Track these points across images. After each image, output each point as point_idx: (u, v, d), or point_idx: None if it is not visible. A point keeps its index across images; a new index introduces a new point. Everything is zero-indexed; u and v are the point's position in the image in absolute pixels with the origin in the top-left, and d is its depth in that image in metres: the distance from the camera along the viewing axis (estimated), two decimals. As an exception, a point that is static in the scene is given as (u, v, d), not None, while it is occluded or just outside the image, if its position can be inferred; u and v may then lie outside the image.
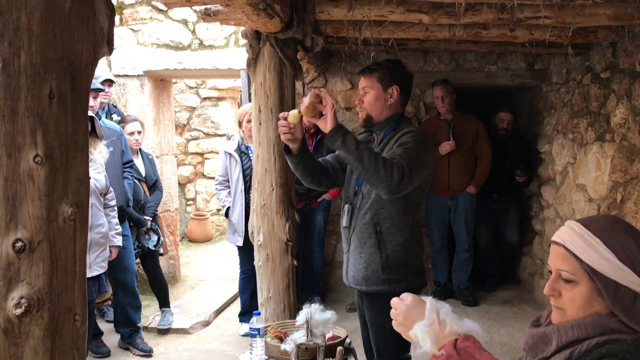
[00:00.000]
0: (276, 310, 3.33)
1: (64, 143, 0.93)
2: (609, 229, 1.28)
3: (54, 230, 0.93)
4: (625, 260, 1.23)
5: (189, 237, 8.23)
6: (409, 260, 2.59)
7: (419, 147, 2.47)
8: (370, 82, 2.64)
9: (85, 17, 0.93)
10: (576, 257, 1.27)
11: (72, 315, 0.98)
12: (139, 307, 4.65)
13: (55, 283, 0.94)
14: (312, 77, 5.63)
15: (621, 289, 1.23)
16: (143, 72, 5.73)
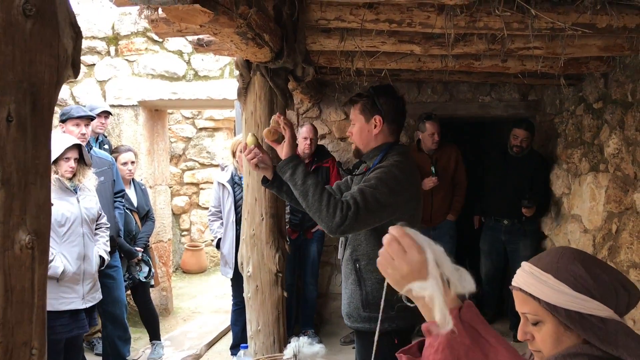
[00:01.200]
0: (265, 344, 3.25)
1: (23, 168, 0.89)
2: (557, 262, 1.28)
3: (9, 259, 0.89)
4: (580, 289, 1.23)
5: (183, 268, 8.14)
6: (389, 299, 2.48)
7: (381, 185, 2.31)
8: (353, 113, 2.61)
9: (48, 39, 0.90)
10: (534, 297, 1.26)
11: (29, 349, 0.92)
12: (128, 339, 4.56)
13: (9, 315, 0.89)
14: (307, 107, 5.64)
15: (586, 318, 1.21)
16: (137, 102, 5.73)
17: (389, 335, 2.39)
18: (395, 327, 2.44)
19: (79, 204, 3.83)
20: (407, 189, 2.41)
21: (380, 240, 2.46)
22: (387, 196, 2.30)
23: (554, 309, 1.23)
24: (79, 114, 4.29)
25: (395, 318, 2.42)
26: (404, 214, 2.38)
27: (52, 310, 3.68)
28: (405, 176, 2.40)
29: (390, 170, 2.37)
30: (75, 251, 3.77)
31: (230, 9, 2.21)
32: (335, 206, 2.22)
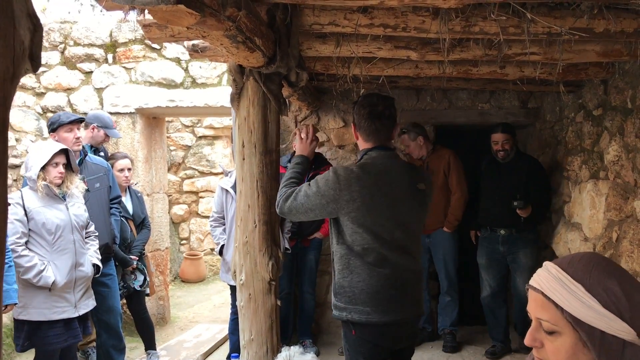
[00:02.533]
0: (258, 353, 3.19)
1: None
2: (590, 272, 1.16)
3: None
4: (609, 307, 1.12)
5: (182, 277, 8.09)
6: (347, 291, 2.64)
7: (313, 185, 2.64)
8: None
9: (2, 29, 0.86)
10: (557, 306, 1.15)
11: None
12: (122, 349, 4.50)
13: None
14: (305, 114, 5.60)
15: (607, 338, 1.11)
16: (135, 110, 5.71)
17: (347, 324, 2.64)
18: (351, 318, 2.62)
19: (68, 210, 3.80)
20: (343, 190, 2.57)
21: (341, 238, 2.64)
22: (314, 196, 2.61)
23: (577, 322, 1.13)
24: (70, 119, 4.24)
25: (351, 310, 2.62)
26: (345, 213, 2.59)
27: (46, 320, 3.64)
28: (346, 179, 2.58)
29: (327, 173, 2.65)
30: (66, 259, 3.73)
31: (218, 11, 2.17)
32: (280, 193, 2.77)
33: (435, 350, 5.13)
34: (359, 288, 2.61)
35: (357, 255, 2.61)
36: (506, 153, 4.81)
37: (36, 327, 3.61)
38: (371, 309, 2.59)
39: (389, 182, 2.65)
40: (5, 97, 0.89)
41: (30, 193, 3.70)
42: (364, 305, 2.59)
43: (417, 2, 2.72)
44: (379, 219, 2.60)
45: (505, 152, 4.80)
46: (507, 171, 4.81)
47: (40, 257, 3.63)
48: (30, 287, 3.60)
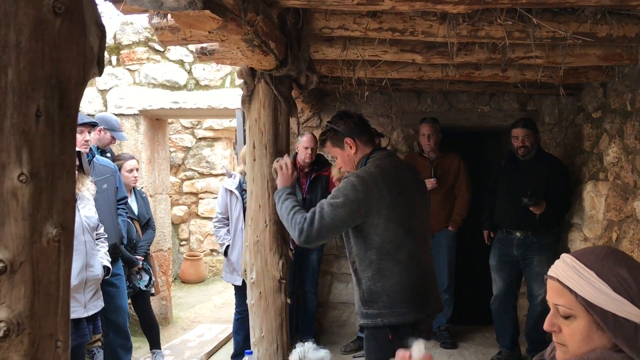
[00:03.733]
0: (269, 350, 3.25)
1: (50, 162, 0.91)
2: (602, 260, 1.26)
3: (37, 251, 0.90)
4: (620, 291, 1.21)
5: (182, 278, 8.13)
6: (380, 296, 2.64)
7: (339, 195, 2.59)
8: (330, 150, 2.91)
9: (75, 37, 0.92)
10: (571, 291, 1.25)
11: (54, 341, 0.94)
12: (129, 348, 4.54)
13: (36, 307, 0.90)
14: (307, 117, 5.67)
15: (620, 321, 1.20)
16: (139, 112, 5.76)
17: (383, 330, 2.62)
18: (388, 322, 2.62)
19: (79, 212, 3.83)
20: (372, 190, 2.59)
21: (363, 241, 2.64)
22: (343, 206, 2.56)
23: (590, 306, 1.22)
24: (82, 121, 4.30)
25: (387, 314, 2.62)
26: (376, 212, 2.59)
27: (54, 318, 3.68)
28: (371, 179, 2.60)
29: (348, 181, 2.62)
30: (77, 260, 3.76)
31: (239, 16, 2.23)
32: (296, 222, 2.61)
33: (435, 349, 5.20)
34: (393, 290, 2.63)
35: (387, 257, 2.63)
36: (526, 150, 4.51)
37: (46, 326, 3.65)
38: (407, 309, 2.62)
39: (402, 178, 2.74)
40: (76, 99, 0.95)
41: (41, 194, 3.74)
42: (400, 306, 2.62)
43: (427, 7, 2.80)
44: (405, 212, 2.67)
45: (525, 149, 4.51)
46: (526, 169, 4.53)
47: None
48: (40, 286, 3.64)
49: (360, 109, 5.64)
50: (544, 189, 4.40)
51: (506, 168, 4.74)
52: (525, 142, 4.51)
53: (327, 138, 2.85)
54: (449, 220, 5.20)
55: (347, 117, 2.85)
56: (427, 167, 5.13)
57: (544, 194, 4.39)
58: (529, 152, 4.52)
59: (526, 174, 4.53)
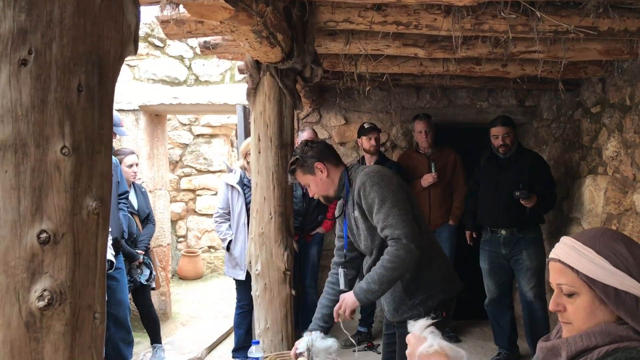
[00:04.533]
0: (274, 341, 3.28)
1: (90, 137, 0.93)
2: (599, 238, 1.32)
3: (78, 223, 0.92)
4: (619, 266, 1.27)
5: (180, 274, 8.13)
6: (427, 277, 2.69)
7: (386, 197, 2.57)
8: (300, 179, 2.85)
9: (114, 14, 0.94)
10: (572, 269, 1.30)
11: (92, 312, 0.96)
12: (131, 342, 4.54)
13: (77, 277, 0.92)
14: (307, 112, 5.69)
15: (621, 294, 1.25)
16: (138, 107, 5.76)
17: (435, 311, 2.62)
18: (439, 301, 2.68)
19: (84, 205, 3.85)
20: (396, 183, 2.66)
21: None
22: (396, 197, 2.57)
23: (591, 281, 1.27)
24: None
25: (436, 294, 2.67)
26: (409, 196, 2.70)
27: (57, 311, 3.69)
28: (387, 182, 2.63)
29: (376, 186, 2.61)
30: (80, 252, 3.77)
31: (250, 6, 2.26)
32: (397, 259, 2.51)
33: (436, 342, 5.22)
34: (434, 269, 2.73)
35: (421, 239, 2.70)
36: (507, 148, 4.48)
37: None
38: (447, 283, 2.73)
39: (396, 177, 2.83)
40: (114, 75, 0.97)
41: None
42: (444, 281, 2.72)
43: (433, 0, 2.83)
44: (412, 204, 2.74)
45: (506, 147, 4.48)
46: (508, 167, 4.51)
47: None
48: (44, 279, 3.64)
49: (360, 105, 5.68)
50: (526, 184, 4.33)
51: (487, 167, 4.70)
52: (505, 140, 4.47)
53: (297, 167, 2.82)
54: (449, 215, 5.23)
55: (312, 144, 2.87)
56: (424, 163, 5.16)
57: (528, 188, 4.33)
58: (509, 149, 4.49)
59: (508, 171, 4.49)
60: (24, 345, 0.87)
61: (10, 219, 0.87)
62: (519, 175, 4.43)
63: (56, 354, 0.90)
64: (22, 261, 0.87)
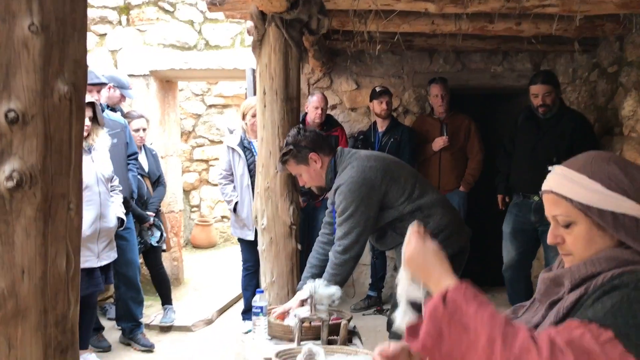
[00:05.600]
0: (280, 295, 3.27)
1: (61, 18, 0.90)
2: (591, 163, 1.26)
3: (49, 106, 0.89)
4: (614, 188, 1.21)
5: (193, 243, 8.19)
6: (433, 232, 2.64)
7: (348, 207, 2.69)
8: (293, 169, 2.89)
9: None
10: (566, 199, 1.25)
11: (66, 202, 0.93)
12: (141, 302, 4.59)
13: (48, 163, 0.90)
14: (318, 77, 5.63)
15: (619, 218, 1.20)
16: (149, 72, 5.75)
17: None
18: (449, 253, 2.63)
19: (93, 163, 3.85)
20: (369, 178, 2.72)
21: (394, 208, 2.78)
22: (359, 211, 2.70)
23: (587, 208, 1.22)
24: (92, 81, 4.29)
25: (449, 244, 2.65)
26: (389, 191, 2.75)
27: (67, 267, 3.72)
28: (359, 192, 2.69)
29: (347, 194, 2.70)
30: (91, 210, 3.78)
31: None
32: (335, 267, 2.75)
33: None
34: (442, 223, 2.76)
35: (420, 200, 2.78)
36: (547, 108, 4.07)
37: (59, 274, 3.68)
38: (458, 233, 2.80)
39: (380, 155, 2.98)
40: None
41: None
42: (455, 232, 2.77)
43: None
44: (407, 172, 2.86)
45: (546, 108, 4.06)
46: (548, 128, 4.11)
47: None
48: (53, 235, 3.66)
49: (372, 70, 5.60)
50: (567, 148, 3.94)
51: (524, 127, 4.35)
52: (546, 99, 4.06)
53: (290, 157, 2.82)
54: (460, 181, 5.18)
55: (305, 132, 2.86)
56: (436, 126, 5.10)
57: (568, 153, 4.08)
58: (549, 109, 4.09)
59: (548, 133, 4.12)
60: (-7, 228, 0.86)
61: (-24, 96, 0.84)
62: (560, 139, 4.06)
63: (28, 239, 0.88)
64: (-10, 140, 0.85)
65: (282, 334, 2.67)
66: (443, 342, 1.12)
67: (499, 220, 4.78)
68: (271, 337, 2.70)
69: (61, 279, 0.92)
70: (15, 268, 0.87)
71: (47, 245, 0.90)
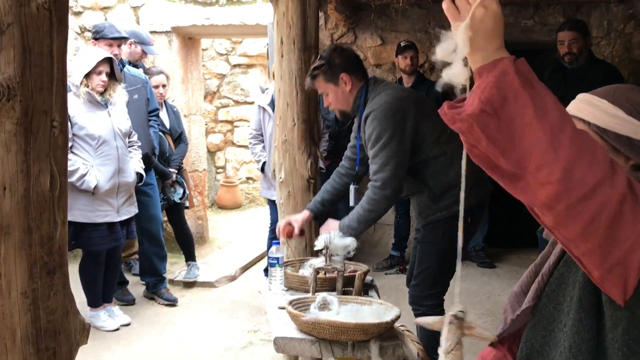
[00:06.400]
0: (298, 248, 3.26)
1: None
2: (614, 90, 1.24)
3: (26, 16, 0.85)
4: (634, 114, 1.18)
5: (219, 204, 8.25)
6: (454, 182, 2.64)
7: (382, 135, 2.55)
8: (320, 86, 2.75)
9: None
10: (584, 122, 1.22)
11: (49, 119, 0.90)
12: (164, 257, 4.64)
13: (28, 76, 0.86)
14: (342, 32, 5.51)
15: (635, 143, 1.17)
16: (171, 29, 5.70)
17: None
18: (467, 206, 2.57)
19: (110, 118, 3.85)
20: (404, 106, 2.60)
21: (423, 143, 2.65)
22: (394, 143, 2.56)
23: (603, 131, 1.19)
24: (112, 35, 4.27)
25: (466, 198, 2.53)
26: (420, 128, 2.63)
27: (89, 222, 3.76)
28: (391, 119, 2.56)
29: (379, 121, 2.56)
30: (109, 165, 3.80)
31: None
32: (373, 202, 2.62)
33: (470, 267, 5.16)
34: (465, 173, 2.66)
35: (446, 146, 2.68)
36: (573, 56, 3.96)
37: (80, 228, 3.73)
38: (475, 189, 2.69)
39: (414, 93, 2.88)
40: None
41: (74, 99, 3.75)
42: (474, 186, 2.66)
43: None
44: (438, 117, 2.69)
45: (572, 56, 3.96)
46: (575, 80, 3.96)
47: (84, 161, 3.71)
48: (74, 190, 3.67)
49: (397, 25, 5.46)
50: None
51: (551, 79, 4.19)
52: (572, 47, 3.95)
53: (320, 73, 2.69)
54: None
55: (343, 51, 2.75)
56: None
57: None
58: (576, 59, 3.98)
59: (575, 84, 3.88)
60: (-28, 141, 0.83)
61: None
62: (588, 90, 3.93)
63: (8, 155, 0.86)
64: (-36, 48, 0.82)
65: (297, 284, 2.66)
66: (504, 110, 0.98)
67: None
68: (287, 288, 2.69)
69: (45, 198, 0.90)
70: (-4, 184, 0.85)
71: (29, 162, 0.88)
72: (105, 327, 3.87)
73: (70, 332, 0.92)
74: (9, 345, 0.85)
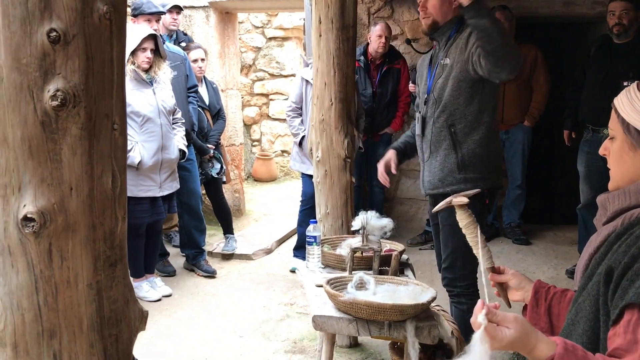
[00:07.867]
0: (334, 226, 3.32)
1: None
2: None
3: (89, 26, 0.91)
4: None
5: (254, 176, 8.36)
6: (485, 158, 2.61)
7: None
8: None
9: None
10: (617, 113, 1.27)
11: (110, 122, 0.96)
12: (203, 230, 4.77)
13: (91, 83, 0.92)
14: (378, 6, 5.46)
15: None
16: (208, 3, 5.73)
17: (482, 195, 2.43)
18: (488, 186, 2.61)
19: (155, 95, 3.93)
20: None
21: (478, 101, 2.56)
22: None
23: (626, 126, 1.23)
24: (150, 10, 4.32)
25: (488, 178, 2.61)
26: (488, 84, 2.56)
27: (132, 196, 3.87)
28: None
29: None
30: (153, 141, 3.89)
31: None
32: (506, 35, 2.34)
33: (505, 244, 5.15)
34: (494, 155, 2.67)
35: (494, 121, 2.62)
36: (622, 28, 3.83)
37: (124, 202, 3.85)
38: (497, 174, 2.71)
39: None
40: None
41: (118, 77, 3.83)
42: (496, 170, 2.69)
43: None
44: None
45: (621, 27, 3.83)
46: (622, 54, 3.84)
47: (130, 137, 3.80)
48: (118, 165, 3.80)
49: (435, -2, 5.36)
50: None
51: (597, 55, 4.11)
52: (622, 18, 3.83)
53: None
54: (525, 115, 4.99)
55: None
56: None
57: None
58: (625, 31, 3.85)
59: (621, 59, 3.84)
60: (42, 145, 0.89)
61: (19, 15, 0.86)
62: (636, 64, 3.80)
63: (74, 157, 0.92)
64: (34, 59, 0.88)
65: (334, 263, 2.73)
66: None
67: (564, 158, 4.60)
68: (324, 266, 2.76)
69: (107, 196, 0.96)
70: (64, 185, 0.91)
71: (93, 164, 0.94)
72: (148, 297, 4.02)
73: (130, 319, 1.00)
74: (77, 333, 0.93)
